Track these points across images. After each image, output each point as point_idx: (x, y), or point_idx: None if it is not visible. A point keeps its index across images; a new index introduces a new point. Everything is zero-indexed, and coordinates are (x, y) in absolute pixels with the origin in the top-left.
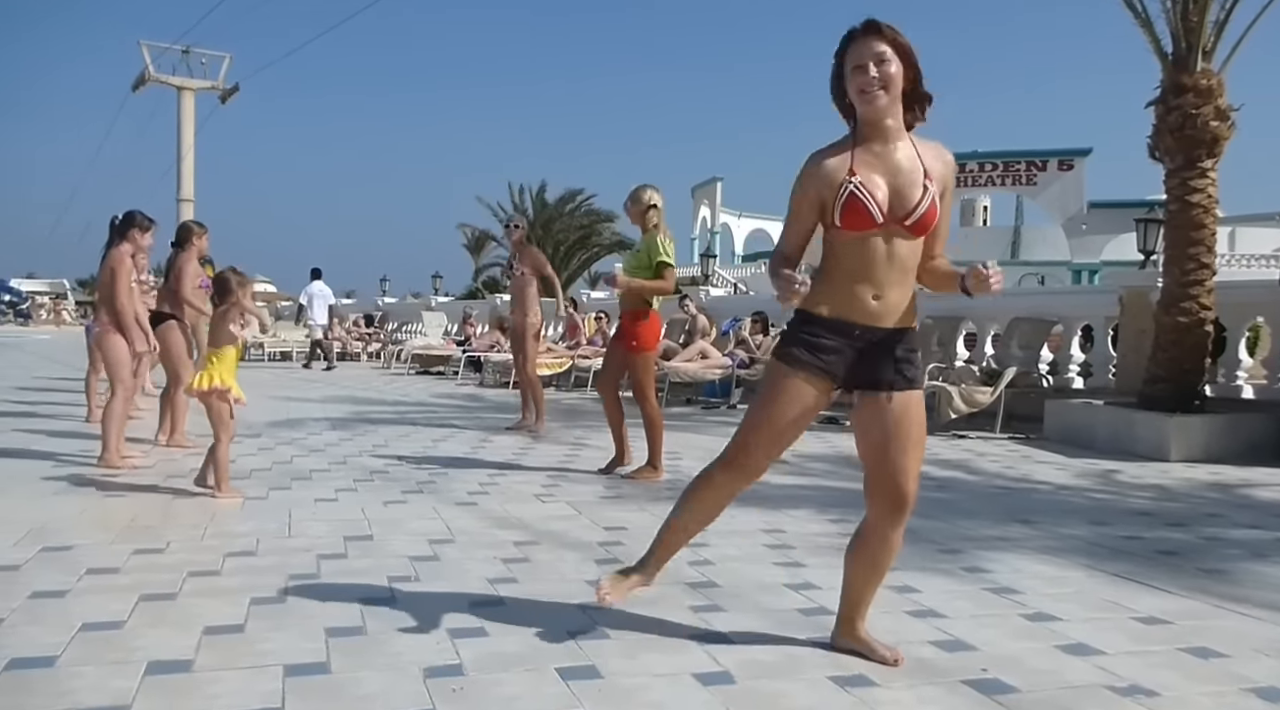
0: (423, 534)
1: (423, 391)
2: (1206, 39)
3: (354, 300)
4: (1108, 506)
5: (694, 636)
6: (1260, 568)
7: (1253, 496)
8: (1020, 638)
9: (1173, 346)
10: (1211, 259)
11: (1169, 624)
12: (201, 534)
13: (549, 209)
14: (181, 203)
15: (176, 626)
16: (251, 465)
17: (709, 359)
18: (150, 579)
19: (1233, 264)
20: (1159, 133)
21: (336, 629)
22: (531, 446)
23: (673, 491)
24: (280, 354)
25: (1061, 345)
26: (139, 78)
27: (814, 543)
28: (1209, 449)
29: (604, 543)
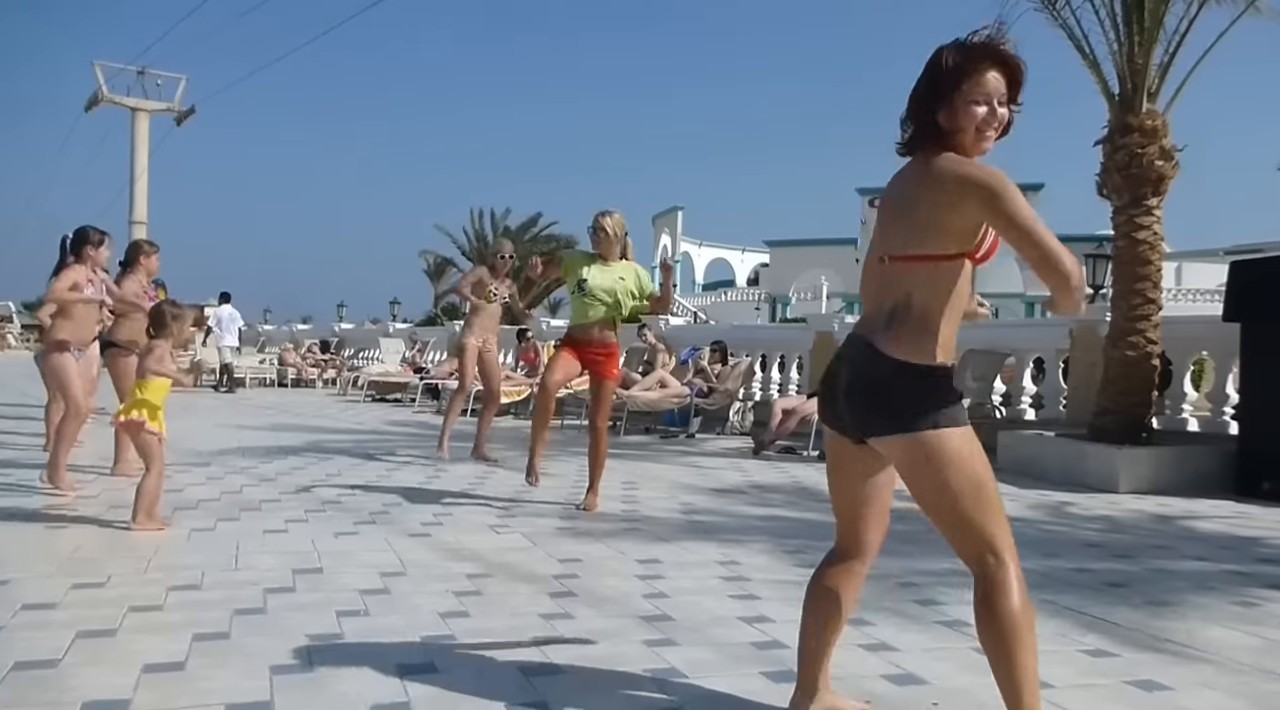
0: (374, 566)
1: (379, 419)
2: (1151, 81)
3: (310, 326)
4: (1058, 538)
5: (647, 671)
6: (1205, 600)
7: (1198, 528)
8: (971, 671)
9: (1121, 380)
10: (1157, 294)
11: (1115, 656)
12: (145, 567)
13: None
14: (134, 225)
15: (114, 665)
16: (199, 495)
17: (668, 388)
18: (89, 615)
19: (1179, 299)
20: (1106, 171)
21: (281, 666)
22: (488, 476)
23: (628, 521)
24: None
25: (1014, 377)
26: (92, 98)
27: (770, 576)
28: (1156, 481)
29: (559, 576)
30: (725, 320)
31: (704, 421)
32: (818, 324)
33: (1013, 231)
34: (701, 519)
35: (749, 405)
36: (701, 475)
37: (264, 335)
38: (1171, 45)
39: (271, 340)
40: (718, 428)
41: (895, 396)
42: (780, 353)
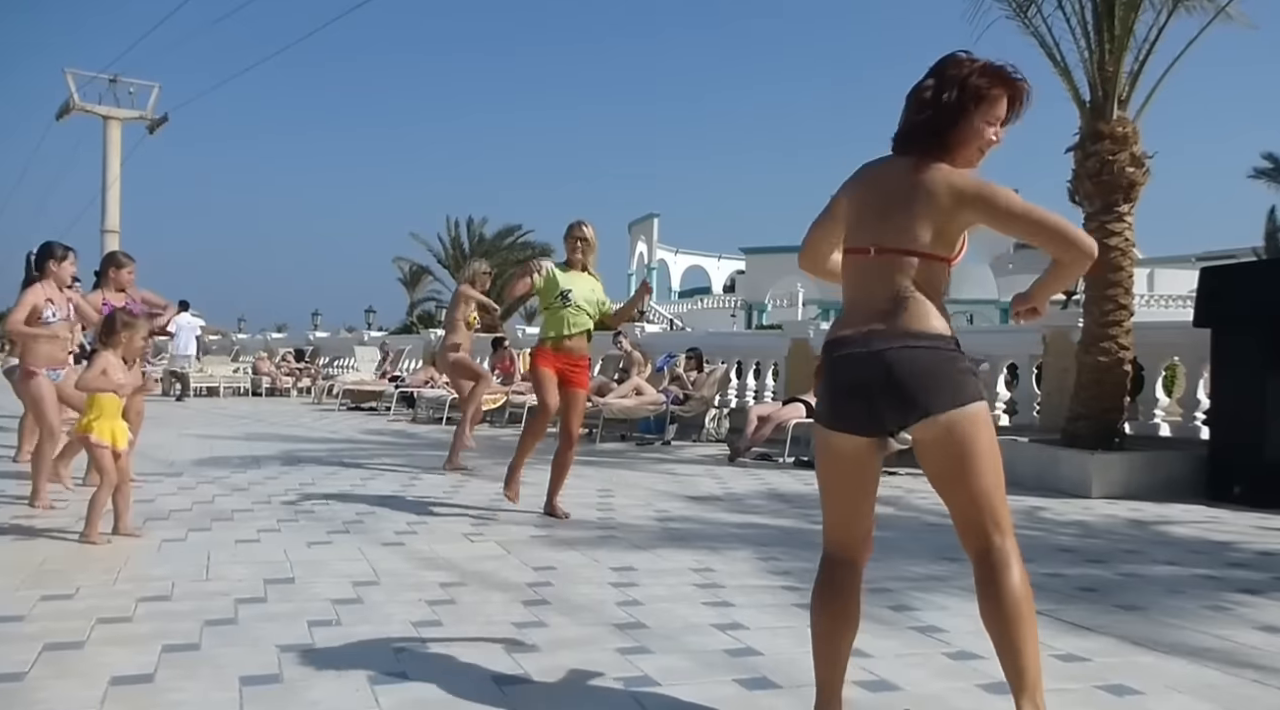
0: (347, 576)
1: (353, 428)
2: (1122, 88)
3: (285, 334)
4: (1032, 543)
5: (620, 680)
6: (1176, 604)
7: (1170, 533)
8: (944, 677)
9: (1093, 385)
10: (1129, 300)
11: (1087, 661)
12: (114, 578)
13: (486, 243)
14: (106, 233)
15: (82, 677)
16: (171, 506)
17: (643, 395)
18: (57, 627)
19: (1152, 304)
20: (1078, 178)
21: (251, 677)
22: (462, 484)
23: (602, 528)
24: (207, 389)
25: (988, 383)
26: (63, 106)
27: (744, 582)
28: (1129, 486)
29: (533, 584)
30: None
31: (680, 428)
32: (793, 331)
33: (1017, 224)
34: (676, 526)
35: (724, 412)
36: (677, 482)
37: (238, 344)
38: (1142, 53)
39: (246, 349)
40: (693, 435)
41: (943, 372)
42: (756, 360)
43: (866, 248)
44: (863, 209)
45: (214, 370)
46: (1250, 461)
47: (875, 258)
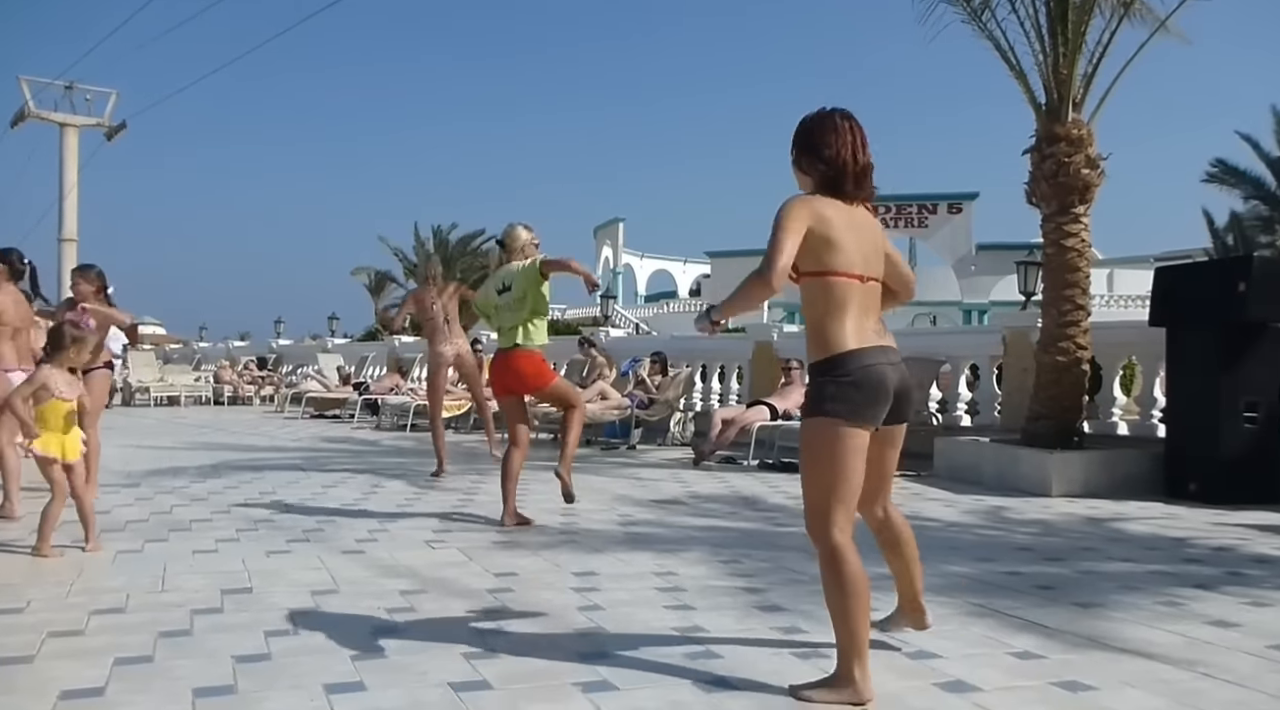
0: (305, 585)
1: (316, 436)
2: (1076, 91)
3: (248, 342)
4: (992, 542)
5: (579, 684)
6: (1131, 600)
7: (1126, 530)
8: (902, 676)
9: (1052, 385)
10: (1086, 300)
11: (1043, 658)
12: (67, 591)
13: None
14: (64, 242)
15: (29, 693)
16: (127, 517)
17: (608, 399)
18: (5, 641)
19: (1112, 304)
20: (1035, 179)
21: (205, 689)
22: (425, 491)
23: (565, 533)
24: (167, 398)
25: (950, 384)
26: (18, 114)
27: (705, 585)
28: (1087, 484)
29: (493, 590)
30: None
31: (645, 432)
32: (757, 334)
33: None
34: (639, 530)
35: (689, 416)
36: (641, 486)
37: (199, 352)
38: (1095, 57)
39: (207, 357)
40: (659, 439)
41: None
42: (720, 363)
43: (861, 276)
44: (850, 241)
45: (175, 379)
46: (1205, 458)
47: (866, 285)
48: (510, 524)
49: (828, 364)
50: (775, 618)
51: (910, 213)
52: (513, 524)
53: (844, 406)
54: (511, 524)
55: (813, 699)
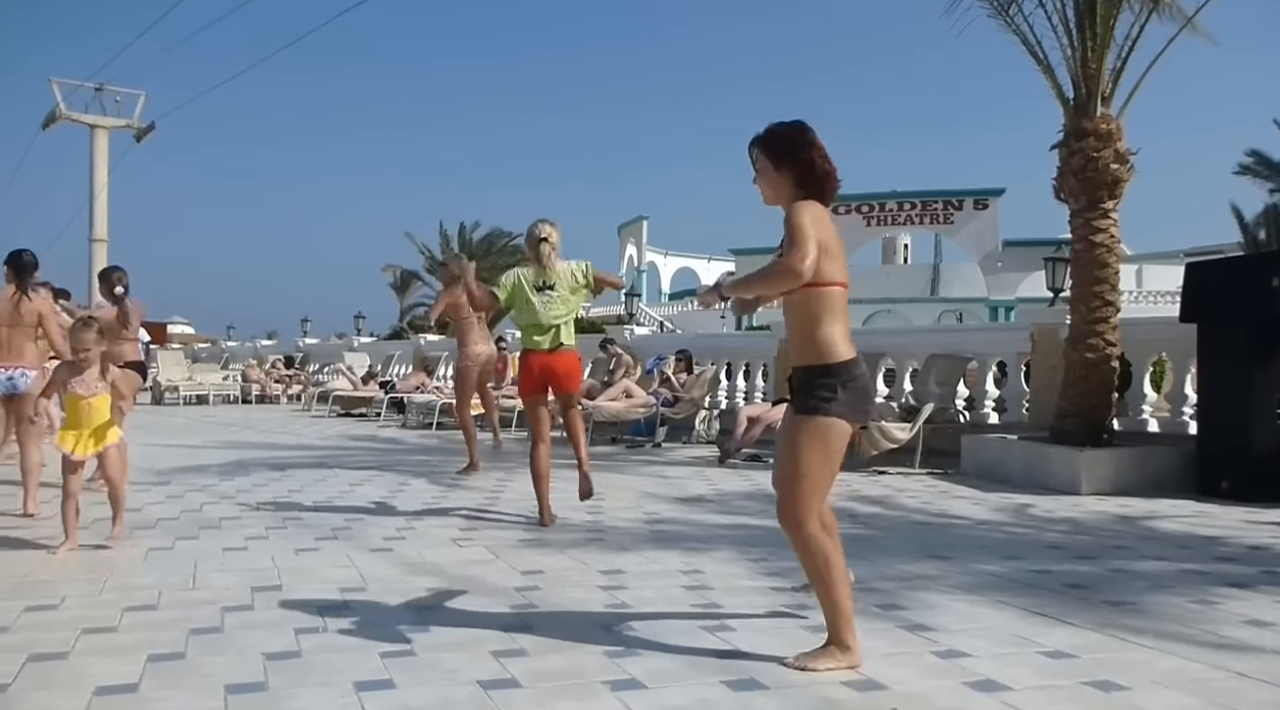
0: (334, 582)
1: (342, 434)
2: (1105, 85)
3: (275, 341)
4: (1021, 540)
5: (607, 683)
6: (1163, 599)
7: (1158, 528)
8: (930, 676)
9: (1081, 382)
10: (1115, 296)
11: (1074, 658)
12: (100, 588)
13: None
14: (94, 242)
15: (65, 688)
16: (158, 514)
17: (633, 398)
18: (41, 637)
19: (1140, 301)
20: (1063, 175)
21: (237, 685)
22: (451, 489)
23: (592, 531)
24: (196, 397)
25: (977, 381)
26: (49, 116)
27: (733, 584)
28: (1118, 482)
29: (521, 588)
30: (691, 329)
31: (670, 431)
32: (782, 332)
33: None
34: (666, 528)
35: (714, 414)
36: (667, 484)
37: (227, 351)
38: (1124, 51)
39: (235, 356)
40: (684, 437)
41: None
42: (745, 361)
43: (845, 283)
44: (838, 249)
45: (203, 378)
46: (1238, 456)
47: (845, 292)
48: (552, 523)
49: (829, 369)
50: (803, 616)
51: (936, 209)
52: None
53: (845, 408)
54: (552, 522)
55: (815, 667)
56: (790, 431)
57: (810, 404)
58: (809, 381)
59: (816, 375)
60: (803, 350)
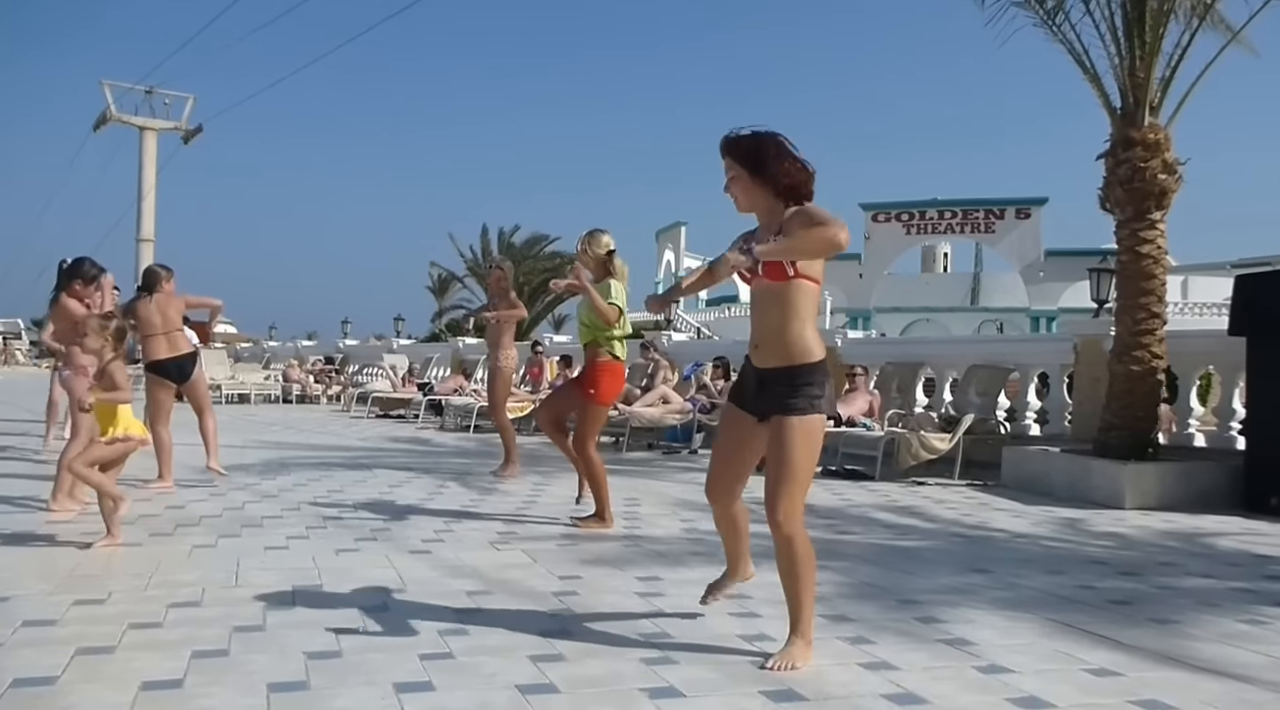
0: (374, 583)
1: (382, 435)
2: (1153, 94)
3: (315, 342)
4: (1063, 555)
5: (645, 690)
6: (1211, 618)
7: (1204, 545)
8: (972, 691)
9: (1126, 395)
10: (1162, 308)
11: (1120, 676)
12: (145, 584)
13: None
14: (141, 243)
15: (112, 682)
16: (201, 512)
17: (670, 404)
18: (89, 631)
19: (1186, 313)
20: (1109, 185)
21: (279, 684)
22: (489, 492)
23: (629, 538)
24: (238, 396)
25: (1019, 392)
26: (100, 117)
27: (770, 594)
28: (1163, 497)
29: (558, 592)
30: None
31: (706, 437)
32: (831, 337)
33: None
34: (703, 536)
35: None
36: (703, 492)
37: (269, 351)
38: (1173, 60)
39: (276, 356)
40: None
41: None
42: None
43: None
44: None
45: (245, 377)
46: None
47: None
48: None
49: (814, 367)
50: (842, 628)
51: (977, 218)
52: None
53: (829, 404)
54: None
55: (798, 665)
56: (781, 432)
57: (800, 404)
58: (794, 381)
59: (803, 374)
60: (781, 349)
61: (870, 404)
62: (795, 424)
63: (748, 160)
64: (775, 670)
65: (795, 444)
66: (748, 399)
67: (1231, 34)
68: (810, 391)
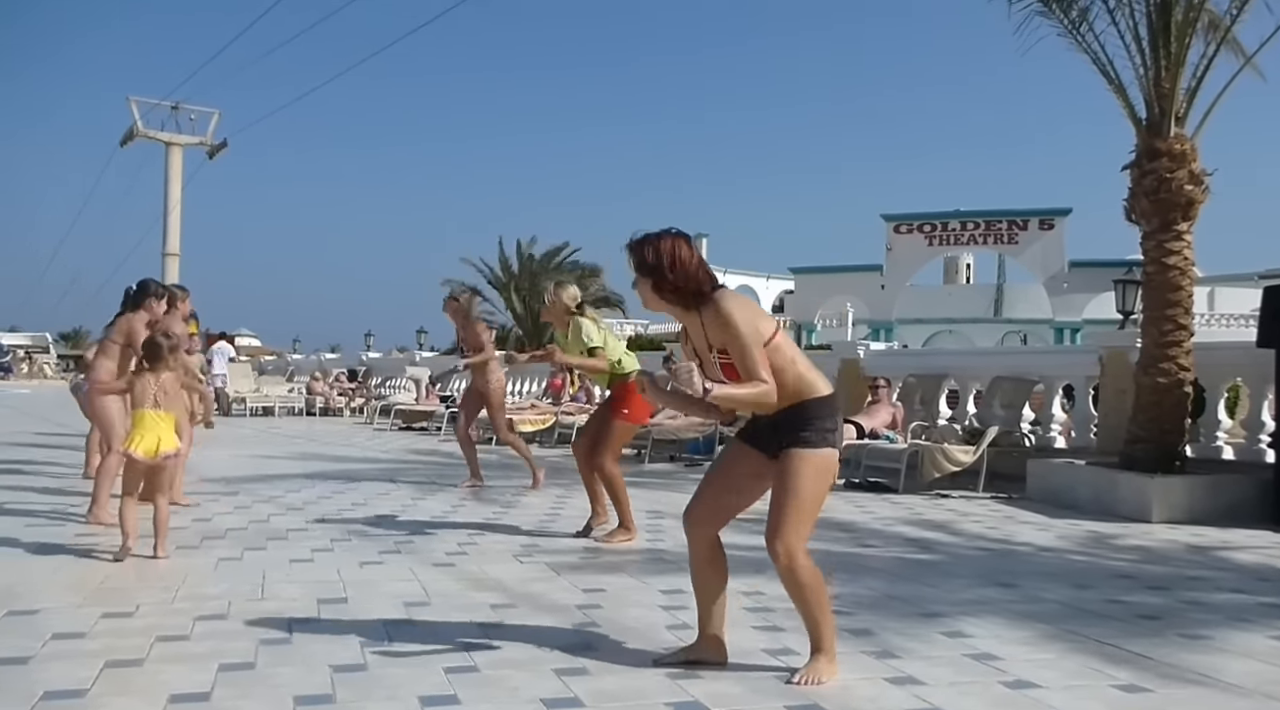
0: (399, 596)
1: (405, 448)
2: (1179, 105)
3: (338, 355)
4: (1089, 569)
5: (670, 705)
6: (1240, 634)
7: (1233, 559)
8: (1000, 706)
9: (1152, 407)
10: (1189, 320)
11: (1149, 692)
12: (173, 597)
13: (535, 263)
14: (167, 257)
15: (141, 695)
16: (227, 524)
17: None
18: (118, 644)
19: (1212, 324)
20: (1134, 196)
21: (305, 697)
22: (512, 505)
23: (652, 551)
24: (262, 409)
25: (1043, 404)
26: (127, 133)
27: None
28: (1191, 510)
29: (582, 606)
30: None
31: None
32: (842, 351)
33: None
34: (727, 550)
35: None
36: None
37: (293, 364)
38: (1198, 70)
39: (300, 369)
40: None
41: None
42: None
43: (779, 327)
44: (754, 307)
45: (269, 390)
46: None
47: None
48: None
49: (822, 402)
50: (867, 642)
51: (1000, 229)
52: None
53: (841, 438)
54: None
55: (823, 680)
56: (791, 464)
57: (813, 438)
58: (803, 416)
59: (810, 410)
60: (783, 399)
61: (893, 416)
62: (807, 457)
63: (645, 268)
64: (801, 685)
65: (804, 476)
66: (759, 438)
67: (1246, 59)
68: (823, 425)
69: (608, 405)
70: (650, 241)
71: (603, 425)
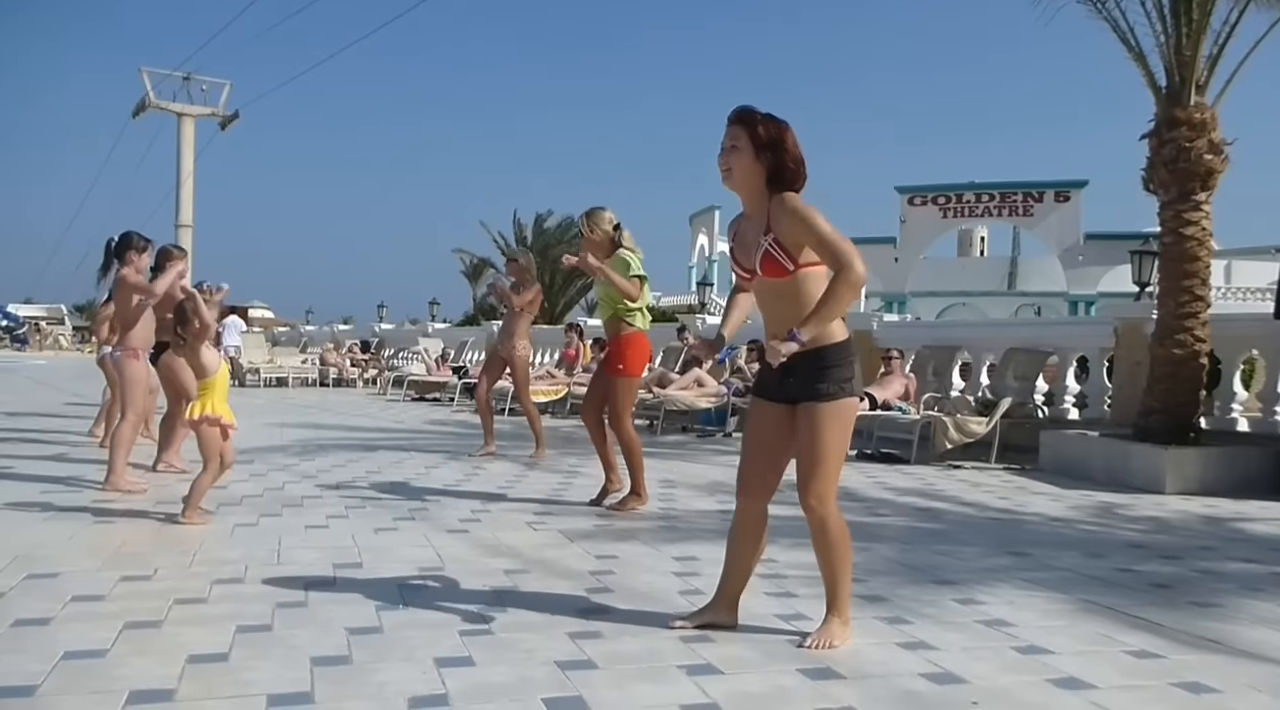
0: (413, 561)
1: (418, 418)
2: (1200, 73)
3: (351, 326)
4: (1101, 538)
5: (683, 667)
6: (1253, 602)
7: (1247, 530)
8: (1011, 671)
9: (1167, 379)
10: (1206, 291)
11: (1161, 658)
12: (190, 561)
13: (548, 235)
14: (180, 228)
15: (160, 655)
16: (243, 491)
17: (705, 387)
18: (136, 606)
19: (1229, 296)
20: (1153, 166)
21: (322, 658)
22: (525, 474)
23: (664, 519)
24: (276, 379)
25: (1057, 376)
26: (139, 104)
27: (806, 574)
28: (1204, 482)
29: (595, 572)
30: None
31: (741, 421)
32: (855, 323)
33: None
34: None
35: None
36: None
37: (306, 335)
38: (1221, 37)
39: (313, 340)
40: None
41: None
42: None
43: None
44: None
45: (283, 361)
46: None
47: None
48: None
49: (840, 348)
50: (879, 608)
51: (1015, 201)
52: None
53: (859, 385)
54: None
55: (836, 643)
56: (812, 419)
57: (830, 389)
58: (820, 365)
59: (829, 357)
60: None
61: (906, 387)
62: (826, 410)
63: (755, 138)
64: (813, 648)
65: (826, 429)
66: (774, 389)
67: (1277, 19)
68: (838, 374)
69: (603, 366)
70: (771, 116)
71: (604, 386)
